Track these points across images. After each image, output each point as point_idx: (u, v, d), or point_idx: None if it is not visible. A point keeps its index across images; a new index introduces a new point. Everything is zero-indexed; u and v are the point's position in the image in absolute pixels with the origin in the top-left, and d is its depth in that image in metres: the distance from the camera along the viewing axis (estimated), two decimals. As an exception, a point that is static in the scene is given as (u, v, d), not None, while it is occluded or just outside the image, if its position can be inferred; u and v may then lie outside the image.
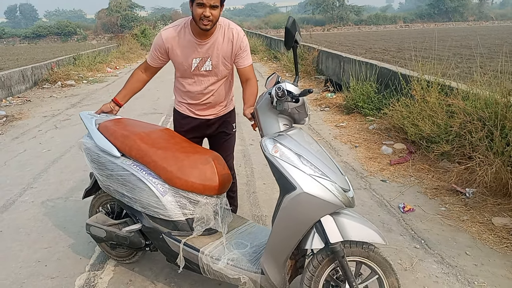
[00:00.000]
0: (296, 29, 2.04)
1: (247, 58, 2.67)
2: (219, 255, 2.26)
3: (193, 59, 2.59)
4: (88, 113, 2.81)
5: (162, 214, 2.37)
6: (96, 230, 2.67)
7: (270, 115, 2.10)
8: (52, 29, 42.74)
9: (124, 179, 2.43)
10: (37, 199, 4.10)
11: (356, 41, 21.75)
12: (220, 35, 2.56)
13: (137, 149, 2.43)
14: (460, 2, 54.67)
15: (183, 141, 2.64)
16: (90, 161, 2.62)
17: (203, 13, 2.34)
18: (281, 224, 2.01)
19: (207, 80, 2.69)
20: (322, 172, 1.96)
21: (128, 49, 22.14)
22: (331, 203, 1.94)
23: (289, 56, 13.97)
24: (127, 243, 2.58)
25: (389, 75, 6.59)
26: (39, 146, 5.95)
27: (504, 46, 8.82)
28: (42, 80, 12.06)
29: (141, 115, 7.53)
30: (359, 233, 1.98)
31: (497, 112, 3.85)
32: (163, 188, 2.35)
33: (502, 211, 3.49)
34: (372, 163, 4.85)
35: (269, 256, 2.07)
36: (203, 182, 2.35)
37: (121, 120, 2.75)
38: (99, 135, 2.57)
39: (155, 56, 2.68)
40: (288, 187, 1.95)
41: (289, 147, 2.00)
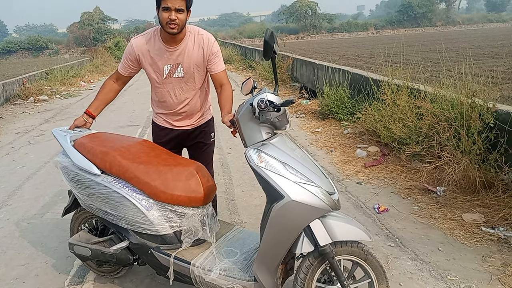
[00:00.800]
0: (274, 41, 2.09)
1: (220, 63, 2.69)
2: (211, 266, 2.25)
3: (164, 66, 2.61)
4: (61, 130, 2.72)
5: (149, 229, 2.33)
6: (80, 249, 2.59)
7: (251, 124, 2.12)
8: (22, 44, 41.87)
9: (107, 197, 2.37)
10: (13, 216, 4.04)
11: (329, 48, 22.14)
12: (190, 41, 2.59)
13: (117, 165, 2.37)
14: (428, 8, 56.26)
15: (164, 153, 2.59)
16: (69, 180, 2.53)
17: (169, 17, 2.38)
18: (271, 232, 2.03)
19: (180, 88, 2.70)
20: (307, 178, 2.01)
21: (102, 62, 21.94)
22: (318, 208, 1.99)
23: (264, 65, 14.12)
24: (114, 260, 2.51)
25: (361, 81, 6.76)
26: (12, 163, 5.84)
27: (470, 50, 9.17)
28: (14, 96, 11.83)
29: (117, 128, 7.48)
30: (347, 232, 2.05)
31: (463, 112, 4.01)
32: (148, 203, 2.31)
33: (471, 208, 3.63)
34: (347, 167, 4.97)
35: (261, 264, 2.09)
36: (188, 194, 2.32)
37: (97, 135, 2.68)
38: (76, 153, 2.49)
39: (126, 65, 2.69)
40: (275, 196, 1.98)
41: (274, 156, 2.03)
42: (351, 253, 2.11)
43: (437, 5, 60.35)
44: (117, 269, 2.81)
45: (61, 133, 2.67)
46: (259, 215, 3.76)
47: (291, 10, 54.96)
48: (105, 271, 2.84)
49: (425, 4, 55.66)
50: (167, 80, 2.66)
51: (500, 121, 3.80)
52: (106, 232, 2.69)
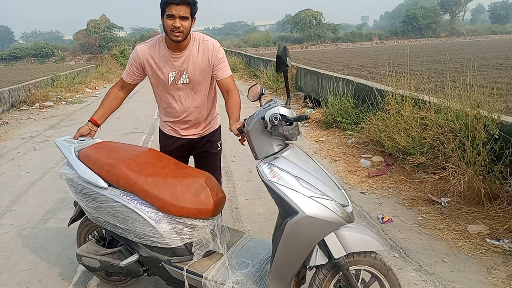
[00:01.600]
0: (287, 55, 2.07)
1: (226, 69, 2.67)
2: (223, 278, 2.21)
3: (169, 73, 2.60)
4: (64, 139, 2.64)
5: (159, 242, 2.30)
6: (88, 260, 2.55)
7: (262, 137, 2.08)
8: (29, 51, 42.23)
9: (115, 211, 2.32)
10: (17, 221, 4.05)
11: (333, 58, 22.21)
12: (195, 48, 2.59)
13: (125, 178, 2.32)
14: (433, 19, 56.47)
15: (171, 163, 2.54)
16: (75, 193, 2.48)
17: (173, 25, 2.38)
18: (286, 247, 2.01)
19: (185, 95, 2.68)
20: (321, 191, 1.98)
21: (107, 70, 22.11)
22: (333, 222, 1.96)
23: (268, 74, 14.19)
24: (124, 273, 2.48)
25: (366, 91, 6.77)
26: (17, 169, 5.87)
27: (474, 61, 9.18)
28: (20, 102, 11.92)
29: (122, 135, 7.51)
30: (360, 243, 2.03)
31: (467, 123, 4.01)
32: (157, 216, 2.27)
33: (476, 219, 3.62)
34: (351, 176, 4.96)
35: (275, 278, 2.07)
36: (198, 206, 2.29)
37: (101, 145, 2.61)
38: (81, 165, 2.43)
39: (131, 72, 2.69)
40: (289, 211, 1.95)
41: (287, 170, 2.00)
42: (372, 266, 2.09)
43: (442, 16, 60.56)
44: (124, 279, 2.79)
45: (64, 143, 2.61)
46: (263, 223, 3.77)
47: (295, 20, 55.25)
48: (112, 280, 2.82)
49: (430, 15, 55.88)
50: (172, 87, 2.65)
51: (505, 132, 3.80)
52: (114, 242, 2.65)
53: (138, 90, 15.34)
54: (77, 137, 2.67)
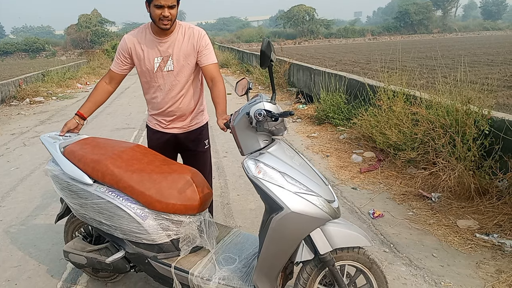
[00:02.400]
0: (271, 50, 2.05)
1: (210, 56, 2.65)
2: (210, 274, 2.20)
3: (154, 58, 2.59)
4: (49, 136, 2.60)
5: (145, 239, 2.28)
6: (75, 257, 2.53)
7: (248, 132, 2.06)
8: (19, 46, 41.74)
9: (101, 207, 2.30)
10: (6, 217, 4.01)
11: (326, 54, 22.24)
12: (181, 34, 2.60)
13: (110, 174, 2.29)
14: (425, 15, 56.68)
15: (157, 159, 2.51)
16: (60, 189, 2.45)
17: (162, 14, 2.41)
18: (271, 243, 2.00)
19: (170, 82, 2.65)
20: (307, 187, 1.97)
21: (99, 65, 21.91)
22: (319, 218, 1.95)
23: (262, 70, 14.15)
24: (111, 269, 2.46)
25: (358, 86, 6.79)
26: (7, 164, 5.81)
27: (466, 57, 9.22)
28: (10, 98, 11.78)
29: (114, 131, 7.46)
30: (347, 239, 2.03)
31: (458, 119, 4.04)
32: (143, 212, 2.25)
33: (466, 214, 3.64)
34: (343, 172, 4.97)
35: (261, 273, 2.07)
36: (184, 202, 2.26)
37: (87, 141, 2.57)
38: (66, 162, 2.40)
39: (119, 61, 2.68)
40: (275, 207, 1.94)
41: (272, 166, 1.98)
42: (357, 260, 2.10)
43: (434, 12, 60.85)
44: (114, 275, 2.78)
45: (49, 140, 2.56)
46: (254, 219, 3.77)
47: (288, 15, 55.20)
48: (101, 276, 2.81)
49: (422, 11, 56.11)
50: (158, 74, 2.63)
51: (495, 128, 3.82)
52: (101, 238, 2.63)
53: (130, 85, 15.26)
54: (64, 131, 2.63)
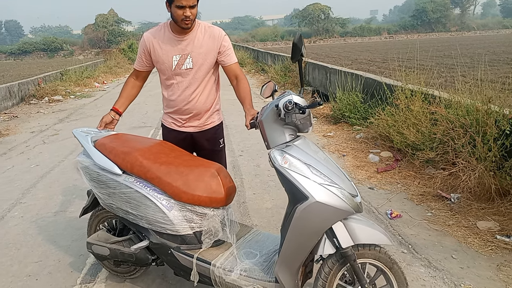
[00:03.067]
0: (302, 43, 2.11)
1: (232, 55, 2.72)
2: (231, 266, 2.25)
3: (173, 56, 2.62)
4: (82, 130, 2.76)
5: (170, 229, 2.34)
6: (98, 248, 2.60)
7: (276, 126, 2.13)
8: (38, 45, 42.49)
9: (128, 197, 2.39)
10: (26, 214, 4.09)
11: (342, 53, 22.08)
12: (200, 32, 2.63)
13: (139, 165, 2.39)
14: (443, 13, 55.84)
15: (184, 154, 2.60)
16: (89, 180, 2.55)
17: (184, 14, 2.44)
18: (294, 233, 2.03)
19: (188, 81, 2.68)
20: (331, 180, 2.01)
21: (116, 64, 22.16)
22: (342, 210, 1.98)
23: (276, 68, 14.15)
24: (133, 260, 2.52)
25: (374, 85, 6.72)
26: (27, 162, 5.92)
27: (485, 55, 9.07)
28: (29, 96, 12.00)
29: (130, 129, 7.54)
30: (368, 235, 2.04)
31: (478, 119, 3.97)
32: (169, 203, 2.33)
33: (486, 215, 3.58)
34: (359, 171, 4.93)
35: (283, 265, 2.09)
36: (210, 195, 2.33)
37: (117, 136, 2.71)
38: (97, 153, 2.52)
39: (140, 59, 2.76)
40: (299, 196, 1.98)
41: (298, 157, 2.04)
42: (378, 259, 2.10)
43: (452, 10, 59.86)
44: (132, 270, 2.82)
45: (81, 133, 2.71)
46: (270, 218, 3.77)
47: (303, 14, 54.98)
48: (120, 272, 2.85)
49: (440, 9, 55.26)
50: (176, 72, 2.66)
51: (517, 128, 3.74)
52: (124, 232, 2.69)
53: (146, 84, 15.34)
54: (102, 126, 2.77)
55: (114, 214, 2.60)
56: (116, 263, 2.78)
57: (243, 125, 2.46)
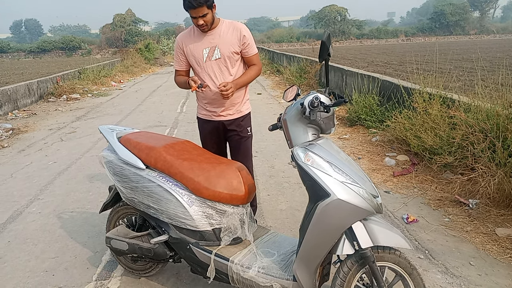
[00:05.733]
0: (330, 43, 2.14)
1: (253, 47, 3.02)
2: (249, 263, 2.28)
3: (203, 49, 2.91)
4: (107, 127, 2.87)
5: (189, 225, 2.38)
6: (117, 243, 2.65)
7: (299, 125, 2.17)
8: (57, 44, 43.22)
9: (150, 191, 2.44)
10: (44, 210, 4.15)
11: (358, 55, 21.92)
12: (225, 27, 2.93)
13: (163, 160, 2.45)
14: (461, 16, 55.09)
15: (206, 153, 2.70)
16: (113, 174, 2.63)
17: (197, 23, 2.77)
18: (314, 230, 2.05)
19: (219, 69, 2.94)
20: (352, 179, 2.02)
21: (132, 63, 22.38)
22: (363, 209, 1.99)
23: (292, 69, 14.12)
24: (151, 255, 2.56)
25: (391, 88, 6.65)
26: (45, 158, 6.02)
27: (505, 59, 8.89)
28: (48, 94, 12.21)
29: (146, 128, 7.60)
30: (388, 238, 2.03)
31: (499, 123, 3.89)
32: (190, 198, 2.38)
33: (505, 222, 3.51)
34: (375, 175, 4.89)
35: (302, 263, 2.11)
36: (230, 192, 2.37)
37: (141, 133, 2.81)
38: (122, 148, 2.61)
39: (178, 59, 3.06)
40: (321, 194, 2.01)
41: (320, 155, 2.07)
42: (398, 263, 2.09)
43: (471, 13, 59.02)
44: (148, 268, 2.84)
45: (107, 129, 2.83)
46: (285, 219, 3.76)
47: (320, 16, 54.84)
48: (136, 269, 2.87)
49: (458, 12, 54.53)
50: (207, 64, 2.93)
51: (539, 133, 3.66)
52: (143, 228, 2.74)
53: (162, 84, 15.52)
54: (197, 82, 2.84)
55: (134, 209, 2.66)
56: (133, 259, 2.80)
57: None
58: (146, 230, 2.65)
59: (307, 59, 13.48)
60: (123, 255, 2.81)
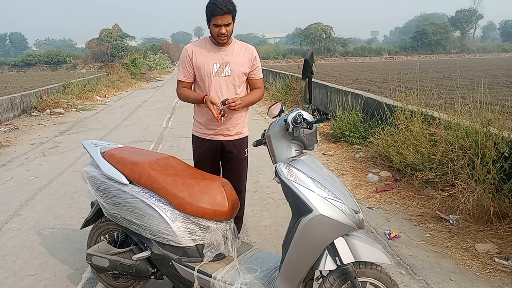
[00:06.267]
0: (313, 61, 2.20)
1: (260, 70, 3.05)
2: (232, 279, 2.26)
3: (213, 64, 2.83)
4: (91, 142, 2.84)
5: (172, 241, 2.37)
6: (98, 259, 2.61)
7: (283, 141, 2.20)
8: (41, 58, 42.91)
9: (133, 206, 2.42)
10: (24, 226, 4.07)
11: (342, 72, 22.26)
12: (237, 46, 2.91)
13: (147, 176, 2.44)
14: (443, 35, 56.56)
15: (190, 168, 2.68)
16: (95, 189, 2.60)
17: (219, 32, 2.68)
18: (297, 246, 2.06)
19: (226, 86, 2.88)
20: (335, 194, 2.05)
21: (118, 78, 22.28)
22: (345, 225, 2.01)
23: (277, 86, 14.25)
24: (133, 272, 2.54)
25: (375, 105, 6.77)
26: (26, 174, 5.92)
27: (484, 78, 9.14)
28: (31, 108, 12.07)
29: (131, 143, 7.55)
30: (369, 254, 2.05)
31: (478, 141, 3.99)
32: (173, 214, 2.36)
33: (484, 238, 3.57)
34: (358, 191, 4.93)
35: (284, 278, 2.11)
36: (214, 207, 2.37)
37: (125, 149, 2.79)
38: (106, 163, 2.58)
39: (184, 70, 2.91)
40: (304, 209, 2.03)
41: (303, 171, 2.09)
42: (379, 279, 2.11)
43: (452, 33, 60.64)
44: (130, 285, 2.79)
45: (91, 144, 2.80)
46: (269, 235, 3.76)
47: (305, 33, 55.66)
48: (117, 286, 2.82)
49: (440, 31, 55.99)
50: (215, 79, 2.85)
51: (515, 151, 3.76)
52: (125, 245, 2.70)
53: (147, 99, 15.49)
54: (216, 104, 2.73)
55: (116, 225, 2.63)
56: (115, 276, 2.76)
57: None
58: (128, 247, 2.62)
59: (293, 75, 13.64)
60: (104, 272, 2.76)
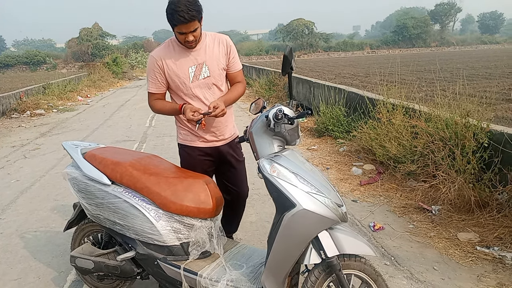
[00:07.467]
0: (292, 57, 2.20)
1: (239, 62, 2.74)
2: (218, 277, 2.27)
3: (189, 68, 2.55)
4: (72, 143, 2.78)
5: (157, 240, 2.35)
6: (82, 261, 2.58)
7: (265, 137, 2.20)
8: (20, 59, 42.00)
9: (116, 207, 2.40)
10: (6, 230, 4.00)
11: (326, 67, 22.38)
12: (210, 40, 2.60)
13: (129, 175, 2.41)
14: (423, 29, 57.20)
15: (173, 167, 2.65)
16: (77, 191, 2.56)
17: (186, 39, 2.41)
18: (282, 241, 2.07)
19: (208, 89, 2.62)
20: (317, 189, 2.06)
21: (100, 78, 21.98)
22: (328, 218, 2.03)
23: (261, 82, 14.25)
24: (118, 273, 2.51)
25: (357, 99, 6.83)
26: (7, 177, 5.81)
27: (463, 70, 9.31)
28: (10, 110, 11.83)
29: (114, 143, 7.47)
30: (353, 246, 2.08)
31: (457, 132, 4.06)
32: (157, 213, 2.34)
33: (466, 227, 3.64)
34: (343, 184, 4.98)
35: (270, 273, 2.12)
36: (198, 205, 2.36)
37: (107, 149, 2.75)
38: (87, 164, 2.54)
39: (155, 81, 2.60)
40: (287, 204, 2.04)
41: (286, 167, 2.10)
42: (363, 270, 2.13)
43: (432, 26, 61.40)
44: (115, 286, 2.77)
45: (71, 145, 2.74)
46: (255, 231, 3.77)
47: (288, 29, 55.65)
48: (103, 287, 2.80)
49: (420, 25, 56.61)
50: (194, 84, 2.58)
51: (494, 141, 3.84)
52: (110, 246, 2.68)
53: (130, 98, 15.33)
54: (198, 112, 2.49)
55: (100, 226, 2.60)
56: (100, 277, 2.74)
57: None
58: (112, 247, 2.60)
59: (276, 71, 13.64)
60: (89, 274, 2.73)
